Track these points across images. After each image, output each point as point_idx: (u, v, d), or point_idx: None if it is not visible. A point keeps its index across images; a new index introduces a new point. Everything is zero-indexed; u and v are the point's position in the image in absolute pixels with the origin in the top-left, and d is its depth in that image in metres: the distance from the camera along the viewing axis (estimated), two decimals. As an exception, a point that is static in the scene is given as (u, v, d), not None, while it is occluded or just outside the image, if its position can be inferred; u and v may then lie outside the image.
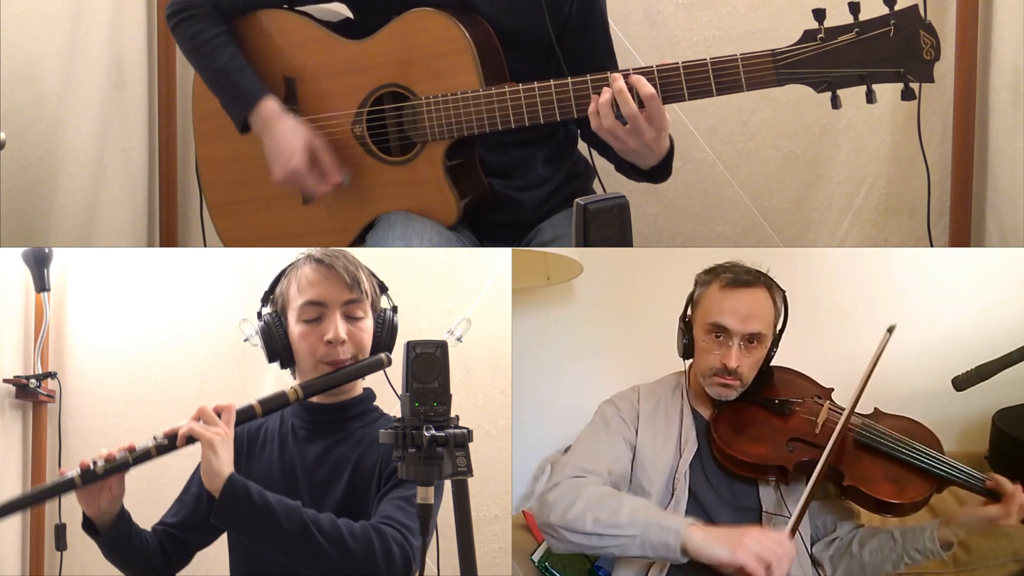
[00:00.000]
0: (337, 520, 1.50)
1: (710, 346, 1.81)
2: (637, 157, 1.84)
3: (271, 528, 1.47)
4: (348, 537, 1.48)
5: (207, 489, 1.50)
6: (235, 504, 1.47)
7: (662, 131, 1.78)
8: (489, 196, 2.03)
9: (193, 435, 1.50)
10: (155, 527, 1.70)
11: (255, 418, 1.60)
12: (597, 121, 1.78)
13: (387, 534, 1.50)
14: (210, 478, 1.48)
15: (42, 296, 2.28)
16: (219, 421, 1.52)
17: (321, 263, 1.67)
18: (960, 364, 1.80)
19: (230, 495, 1.47)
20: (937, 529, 1.73)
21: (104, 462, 1.51)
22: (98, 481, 1.52)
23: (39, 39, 2.38)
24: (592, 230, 1.60)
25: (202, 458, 1.49)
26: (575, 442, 1.87)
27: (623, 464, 1.79)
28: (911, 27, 1.64)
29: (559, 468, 1.76)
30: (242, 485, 1.48)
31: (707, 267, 1.88)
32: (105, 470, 1.51)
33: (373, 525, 1.51)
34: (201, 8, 2.00)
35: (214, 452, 1.48)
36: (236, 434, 1.72)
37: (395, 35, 1.94)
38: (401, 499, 1.55)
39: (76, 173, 2.52)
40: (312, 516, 1.49)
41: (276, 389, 1.68)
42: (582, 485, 1.69)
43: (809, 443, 1.76)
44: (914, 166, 2.47)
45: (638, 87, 1.74)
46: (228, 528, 1.54)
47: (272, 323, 1.69)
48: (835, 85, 1.70)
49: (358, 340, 1.67)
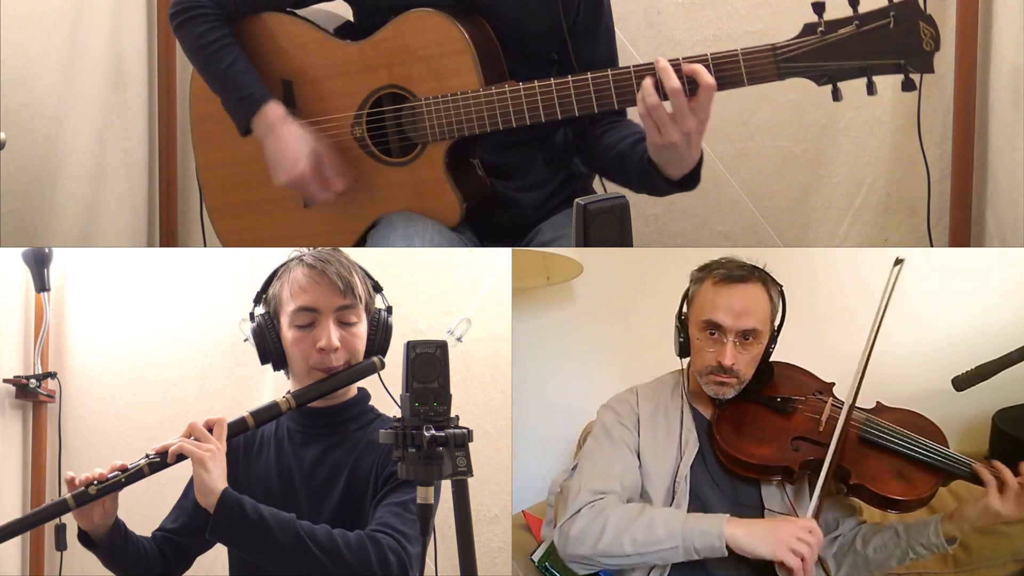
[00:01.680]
0: (332, 531, 1.50)
1: (705, 343, 1.79)
2: (671, 156, 1.78)
3: (266, 542, 1.47)
4: (344, 548, 1.48)
5: (202, 506, 1.50)
6: (230, 519, 1.47)
7: (703, 124, 1.74)
8: (491, 196, 2.03)
9: (183, 453, 1.51)
10: (155, 533, 1.70)
11: (247, 430, 1.59)
12: (644, 107, 1.74)
13: (383, 543, 1.49)
14: (203, 495, 1.48)
15: (42, 296, 2.28)
16: (210, 437, 1.52)
17: (313, 268, 1.65)
18: (960, 364, 1.80)
19: (224, 511, 1.47)
20: (941, 523, 1.73)
21: (97, 483, 1.52)
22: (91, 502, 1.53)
23: (39, 39, 2.38)
24: (592, 230, 1.60)
25: (194, 475, 1.50)
26: (581, 460, 1.84)
27: (633, 475, 1.77)
28: (911, 18, 1.64)
29: (573, 493, 1.73)
30: (236, 500, 1.48)
31: (701, 263, 1.86)
32: (98, 491, 1.52)
33: (369, 535, 1.51)
34: (205, 8, 1.99)
35: (205, 469, 1.48)
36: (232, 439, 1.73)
37: (393, 36, 1.94)
38: (398, 505, 1.55)
39: (76, 173, 2.52)
40: (307, 528, 1.49)
41: (276, 389, 1.69)
42: (604, 509, 1.68)
43: (813, 441, 1.76)
44: (914, 166, 2.47)
45: (696, 75, 1.71)
46: (223, 542, 1.55)
47: (264, 325, 1.67)
48: (836, 78, 1.69)
49: (351, 346, 1.65)
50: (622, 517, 1.66)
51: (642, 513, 1.66)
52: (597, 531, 1.65)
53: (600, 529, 1.65)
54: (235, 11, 2.02)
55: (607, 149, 1.98)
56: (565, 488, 1.79)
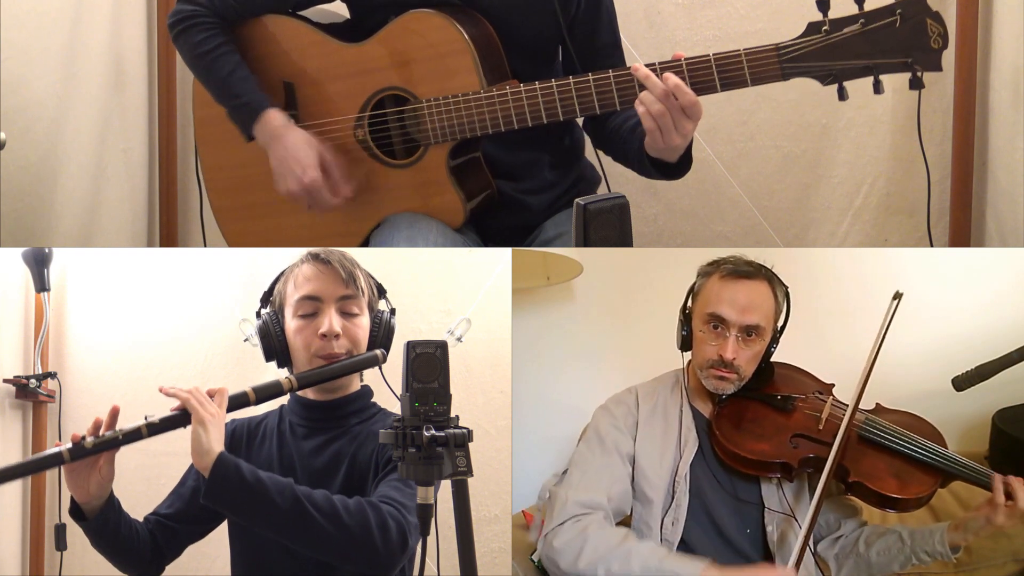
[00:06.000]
0: (331, 495, 1.50)
1: (707, 336, 1.80)
2: (670, 152, 1.81)
3: (264, 504, 1.46)
4: (343, 511, 1.47)
5: (197, 469, 1.48)
6: (226, 481, 1.46)
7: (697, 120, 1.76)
8: (496, 197, 2.03)
9: (187, 406, 1.49)
10: (148, 517, 1.69)
11: (248, 404, 1.58)
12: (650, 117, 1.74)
13: (382, 509, 1.49)
14: (199, 455, 1.46)
15: (42, 296, 2.28)
16: (212, 402, 1.52)
17: (318, 259, 1.68)
18: (960, 364, 1.80)
19: (221, 472, 1.45)
20: (947, 532, 1.72)
21: (93, 437, 1.50)
22: (87, 458, 1.50)
23: (39, 39, 2.38)
24: (592, 230, 1.60)
25: (192, 436, 1.47)
26: (571, 466, 1.84)
27: (622, 485, 1.77)
28: (918, 16, 1.62)
29: (559, 503, 1.73)
30: (232, 462, 1.47)
31: (709, 260, 1.87)
32: (94, 445, 1.50)
33: (368, 500, 1.51)
34: (203, 17, 1.99)
35: (204, 430, 1.47)
36: (236, 429, 1.73)
37: (393, 37, 1.94)
38: (398, 480, 1.55)
39: (76, 173, 2.52)
40: (305, 492, 1.48)
41: (275, 390, 1.67)
42: (586, 528, 1.67)
43: (813, 439, 1.76)
44: (914, 166, 2.47)
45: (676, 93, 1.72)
46: (219, 507, 1.51)
47: (270, 322, 1.69)
48: (841, 77, 1.67)
49: (353, 335, 1.67)
50: (601, 543, 1.64)
51: (622, 543, 1.64)
52: (575, 551, 1.64)
53: (578, 549, 1.64)
54: (235, 15, 2.01)
55: (612, 131, 2.00)
56: (553, 495, 1.78)
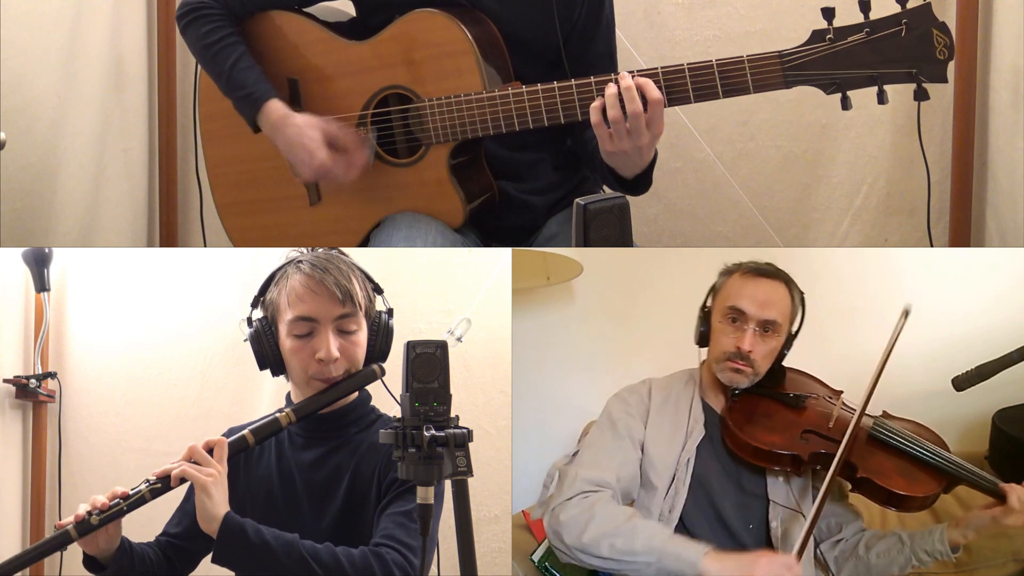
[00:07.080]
0: (336, 550, 1.50)
1: (726, 329, 1.82)
2: (623, 161, 1.82)
3: (271, 565, 1.47)
4: (348, 567, 1.48)
5: (205, 532, 1.49)
6: (233, 545, 1.47)
7: (656, 137, 1.76)
8: (497, 198, 2.03)
9: (186, 477, 1.51)
10: (158, 538, 1.69)
11: (247, 448, 1.58)
12: (598, 116, 1.75)
13: (387, 559, 1.49)
14: (206, 521, 1.48)
15: (42, 296, 2.28)
16: (211, 460, 1.52)
17: (311, 278, 1.61)
18: (960, 364, 1.80)
19: (227, 537, 1.47)
20: (947, 531, 1.73)
21: (99, 513, 1.51)
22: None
23: (39, 39, 2.38)
24: (592, 230, 1.60)
25: (196, 501, 1.49)
26: (582, 447, 1.86)
27: (631, 468, 1.79)
28: (924, 26, 1.61)
29: (568, 480, 1.74)
30: (238, 525, 1.48)
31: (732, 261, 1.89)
32: (100, 520, 1.51)
33: (372, 550, 1.50)
34: (211, 9, 2.00)
35: (207, 495, 1.48)
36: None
37: (397, 36, 1.94)
38: (402, 515, 1.54)
39: (76, 173, 2.52)
40: (310, 549, 1.48)
41: (276, 389, 1.68)
42: (593, 504, 1.68)
43: (823, 436, 1.77)
44: (914, 166, 2.47)
45: (645, 90, 1.72)
46: (228, 567, 1.54)
47: (262, 331, 1.65)
48: (845, 86, 1.66)
49: (351, 355, 1.63)
50: (607, 519, 1.66)
51: (629, 520, 1.66)
52: (581, 524, 1.65)
53: (584, 523, 1.65)
54: (242, 9, 2.02)
55: (584, 141, 2.01)
56: (563, 473, 1.80)
